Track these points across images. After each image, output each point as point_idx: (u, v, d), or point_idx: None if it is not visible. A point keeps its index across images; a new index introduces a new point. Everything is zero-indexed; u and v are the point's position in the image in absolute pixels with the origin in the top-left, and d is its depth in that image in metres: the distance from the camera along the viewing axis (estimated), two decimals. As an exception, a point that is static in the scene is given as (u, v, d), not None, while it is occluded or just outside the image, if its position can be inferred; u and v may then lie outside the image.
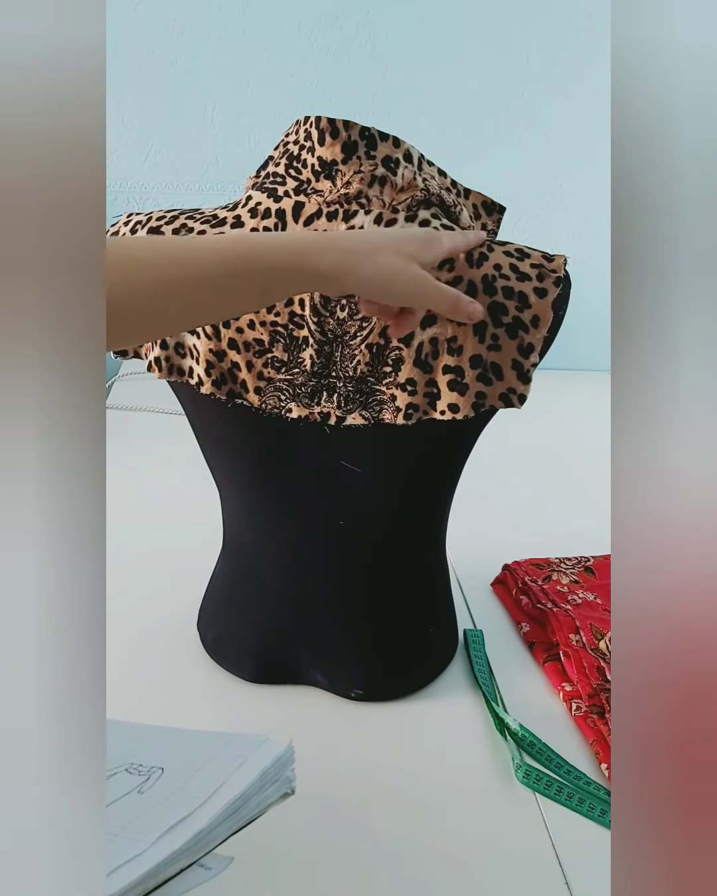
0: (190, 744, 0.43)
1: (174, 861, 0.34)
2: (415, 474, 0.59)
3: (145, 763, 0.40)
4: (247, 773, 0.38)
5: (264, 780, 0.38)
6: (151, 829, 0.35)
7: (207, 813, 0.36)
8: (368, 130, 0.51)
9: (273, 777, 0.39)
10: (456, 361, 0.51)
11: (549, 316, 0.51)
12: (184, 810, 0.36)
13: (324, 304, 0.51)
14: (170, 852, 0.33)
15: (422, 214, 0.52)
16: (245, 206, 0.53)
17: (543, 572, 0.81)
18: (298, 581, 0.63)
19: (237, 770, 0.38)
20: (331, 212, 0.51)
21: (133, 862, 0.33)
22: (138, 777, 0.39)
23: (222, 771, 0.39)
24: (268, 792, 0.39)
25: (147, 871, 0.32)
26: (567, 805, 0.55)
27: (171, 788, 0.38)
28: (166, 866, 0.33)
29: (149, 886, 0.33)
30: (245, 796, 0.37)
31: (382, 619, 0.64)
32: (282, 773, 0.39)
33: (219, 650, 0.68)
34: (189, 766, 0.40)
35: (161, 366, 0.55)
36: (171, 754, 0.42)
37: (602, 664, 0.66)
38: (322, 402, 0.54)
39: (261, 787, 0.38)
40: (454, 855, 0.51)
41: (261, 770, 0.38)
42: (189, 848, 0.35)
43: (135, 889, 0.32)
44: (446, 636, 0.70)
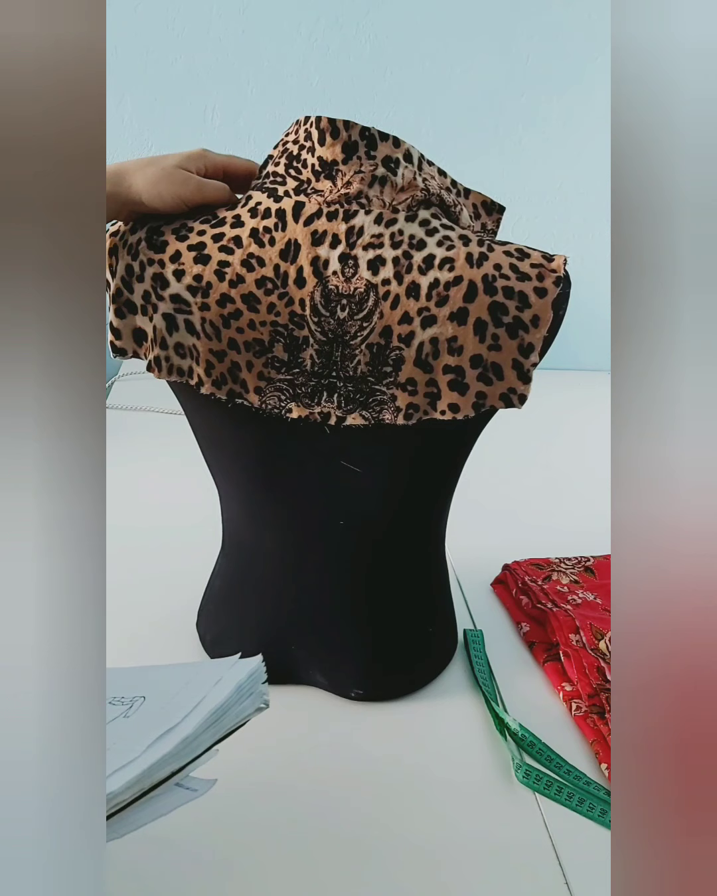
0: (167, 674, 0.47)
1: (165, 764, 0.37)
2: (415, 474, 0.59)
3: (127, 695, 0.44)
4: (224, 688, 0.42)
5: (241, 692, 0.42)
6: (141, 741, 0.38)
7: (191, 722, 0.39)
8: (368, 130, 0.51)
9: (249, 690, 0.43)
10: (456, 361, 0.51)
11: (549, 316, 0.51)
12: (169, 723, 0.39)
13: (324, 303, 0.51)
14: (160, 755, 0.37)
15: (422, 214, 0.52)
16: (245, 206, 0.53)
17: (543, 572, 0.81)
18: (298, 581, 0.63)
19: (214, 687, 0.42)
20: (331, 212, 0.51)
21: (127, 766, 0.36)
22: (122, 706, 0.43)
23: (201, 689, 0.42)
24: (245, 704, 0.42)
25: (142, 772, 0.36)
26: (567, 805, 0.55)
27: (154, 710, 0.42)
28: (158, 768, 0.37)
29: (145, 786, 0.36)
30: (224, 707, 0.41)
31: (381, 619, 0.64)
32: (256, 686, 0.43)
33: (218, 650, 0.67)
34: (169, 690, 0.43)
35: (161, 366, 0.55)
36: (151, 685, 0.45)
37: (602, 664, 0.66)
38: (322, 402, 0.54)
39: (238, 699, 0.42)
40: (454, 855, 0.51)
41: (237, 683, 0.42)
42: (178, 752, 0.38)
43: (132, 788, 0.35)
44: (445, 636, 0.70)
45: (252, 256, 0.51)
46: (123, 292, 0.54)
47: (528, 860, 0.51)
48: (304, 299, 0.51)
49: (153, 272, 0.52)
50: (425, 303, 0.51)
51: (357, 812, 0.54)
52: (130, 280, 0.53)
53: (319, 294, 0.51)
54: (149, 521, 0.93)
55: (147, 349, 0.56)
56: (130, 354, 0.57)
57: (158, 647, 0.70)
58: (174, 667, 0.48)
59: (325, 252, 0.51)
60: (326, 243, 0.51)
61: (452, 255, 0.51)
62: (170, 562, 0.83)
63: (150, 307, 0.54)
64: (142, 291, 0.53)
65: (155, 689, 0.44)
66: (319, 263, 0.51)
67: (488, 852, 0.52)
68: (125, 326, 0.55)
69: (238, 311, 0.52)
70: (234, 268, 0.51)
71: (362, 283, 0.51)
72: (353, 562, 0.62)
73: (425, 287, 0.51)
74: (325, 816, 0.53)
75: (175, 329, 0.53)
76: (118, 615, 0.66)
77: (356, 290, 0.51)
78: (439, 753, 0.60)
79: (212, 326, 0.53)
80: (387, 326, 0.51)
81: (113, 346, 0.56)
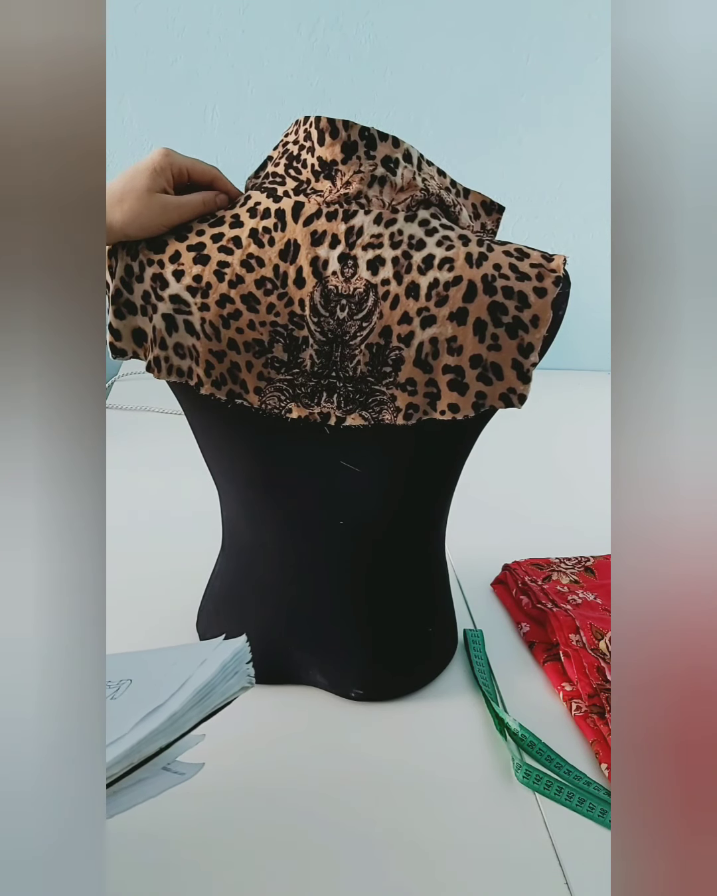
0: (154, 657, 0.48)
1: (153, 739, 0.38)
2: (415, 474, 0.59)
3: (114, 679, 0.45)
4: (209, 667, 0.43)
5: (226, 671, 0.43)
6: (129, 720, 0.39)
7: (177, 700, 0.40)
8: (367, 130, 0.51)
9: (234, 669, 0.43)
10: (456, 361, 0.51)
11: (549, 315, 0.51)
12: (157, 701, 0.40)
13: (324, 304, 0.52)
14: (148, 731, 0.38)
15: (421, 214, 0.52)
16: (244, 206, 0.53)
17: (543, 572, 0.81)
18: (298, 581, 0.63)
19: (200, 667, 0.43)
20: (330, 212, 0.51)
21: (116, 742, 0.37)
22: (110, 689, 0.43)
23: (186, 669, 0.43)
24: (230, 682, 0.43)
25: (131, 747, 0.37)
26: (567, 805, 0.55)
27: (141, 691, 0.43)
28: (147, 743, 0.38)
29: (134, 760, 0.37)
30: (210, 685, 0.42)
31: (381, 619, 0.64)
32: (240, 665, 0.44)
33: (219, 650, 0.68)
34: (156, 672, 0.44)
35: (160, 366, 0.55)
36: (138, 668, 0.46)
37: (602, 664, 0.66)
38: (322, 402, 0.54)
39: (223, 678, 0.43)
40: (454, 855, 0.51)
41: (221, 663, 0.43)
42: (165, 729, 0.39)
43: (121, 763, 0.36)
44: (445, 636, 0.70)
45: (251, 257, 0.51)
46: (123, 293, 0.54)
47: (528, 860, 0.51)
48: (303, 299, 0.51)
49: (153, 272, 0.52)
50: (424, 303, 0.51)
51: (357, 812, 0.54)
52: (130, 280, 0.53)
53: (319, 294, 0.51)
54: (149, 521, 0.93)
55: (147, 350, 0.56)
56: (130, 355, 0.57)
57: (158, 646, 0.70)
58: (160, 651, 0.49)
59: (324, 252, 0.51)
60: (325, 243, 0.51)
61: (451, 255, 0.51)
62: (170, 562, 0.83)
63: (149, 308, 0.54)
64: (141, 292, 0.53)
65: (142, 672, 0.45)
66: (318, 263, 0.51)
67: (488, 852, 0.52)
68: (125, 327, 0.55)
69: (238, 312, 0.52)
70: (233, 268, 0.51)
71: (361, 283, 0.51)
72: (353, 562, 0.62)
73: (425, 287, 0.51)
74: (324, 816, 0.53)
75: (175, 329, 0.53)
76: (118, 615, 0.66)
77: (356, 290, 0.51)
78: (439, 753, 0.60)
79: (211, 327, 0.53)
80: (386, 326, 0.51)
81: (112, 347, 0.56)
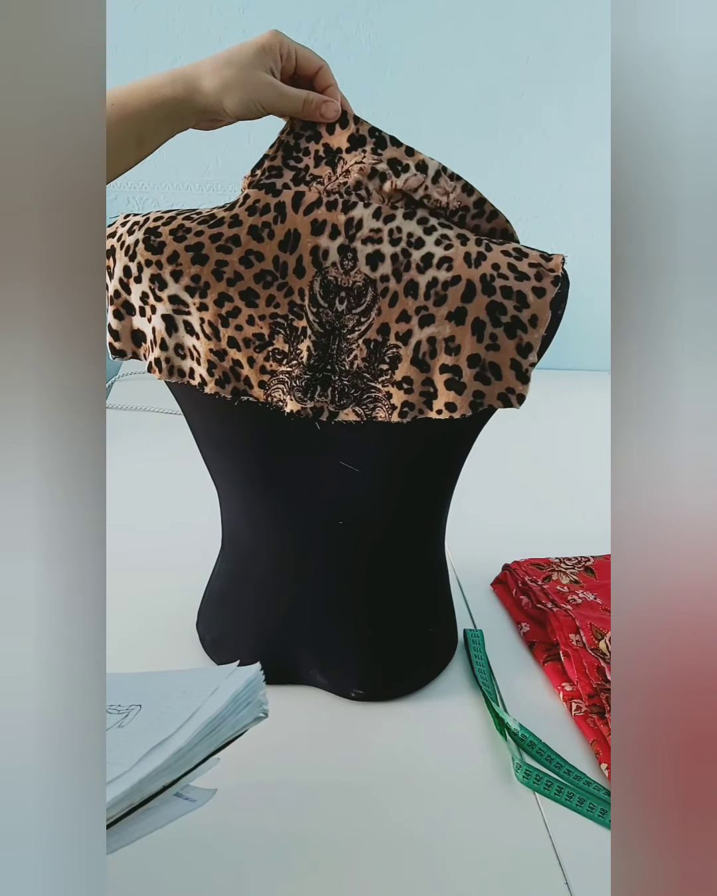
0: (165, 682, 0.46)
1: (157, 777, 0.36)
2: (414, 474, 0.59)
3: (124, 703, 0.43)
4: (220, 697, 0.41)
5: (237, 702, 0.41)
6: (133, 753, 0.37)
7: (185, 733, 0.38)
8: (378, 132, 0.51)
9: (246, 699, 0.41)
10: (454, 360, 0.51)
11: (547, 315, 0.51)
12: (163, 734, 0.38)
13: (323, 294, 0.52)
14: (152, 768, 0.36)
15: (420, 212, 0.52)
16: (242, 205, 0.53)
17: (543, 572, 0.81)
18: (297, 581, 0.63)
19: (211, 696, 0.41)
20: (330, 201, 0.51)
21: (118, 780, 0.35)
22: (118, 715, 0.41)
23: (197, 698, 0.41)
24: (242, 714, 0.41)
25: (132, 786, 0.34)
26: (567, 805, 0.55)
27: (149, 719, 0.40)
28: (149, 782, 0.35)
29: (134, 801, 0.35)
30: (220, 717, 0.40)
31: (381, 619, 0.64)
32: (254, 696, 0.42)
33: (218, 650, 0.67)
34: (166, 699, 0.42)
35: (161, 367, 0.55)
36: (147, 693, 0.44)
37: (602, 664, 0.66)
38: (316, 396, 0.54)
39: (235, 709, 0.41)
40: (454, 855, 0.51)
41: (233, 693, 0.41)
42: (170, 765, 0.36)
43: (121, 803, 0.34)
44: (445, 636, 0.69)
45: (250, 253, 0.51)
46: (121, 293, 0.54)
47: (528, 860, 0.51)
48: (303, 289, 0.52)
49: (151, 273, 0.52)
50: (423, 301, 0.51)
51: (357, 812, 0.54)
52: (128, 281, 0.53)
53: (319, 284, 0.51)
54: (149, 521, 0.93)
55: (146, 350, 0.56)
56: (129, 355, 0.57)
57: (158, 647, 0.70)
58: (173, 673, 0.48)
59: (325, 242, 0.51)
60: (325, 233, 0.51)
61: (450, 254, 0.51)
62: (170, 562, 0.83)
63: (148, 308, 0.54)
64: (140, 293, 0.53)
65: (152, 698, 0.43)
66: (318, 253, 0.51)
67: (488, 852, 0.52)
68: (123, 328, 0.55)
69: (236, 309, 0.52)
70: (232, 266, 0.51)
71: (360, 276, 0.51)
72: (352, 562, 0.62)
73: (424, 286, 0.51)
74: (324, 816, 0.53)
75: (174, 330, 0.53)
76: (118, 615, 0.66)
77: (355, 283, 0.51)
78: (440, 753, 0.60)
79: (211, 326, 0.53)
80: (385, 324, 0.51)
81: (112, 348, 0.56)
